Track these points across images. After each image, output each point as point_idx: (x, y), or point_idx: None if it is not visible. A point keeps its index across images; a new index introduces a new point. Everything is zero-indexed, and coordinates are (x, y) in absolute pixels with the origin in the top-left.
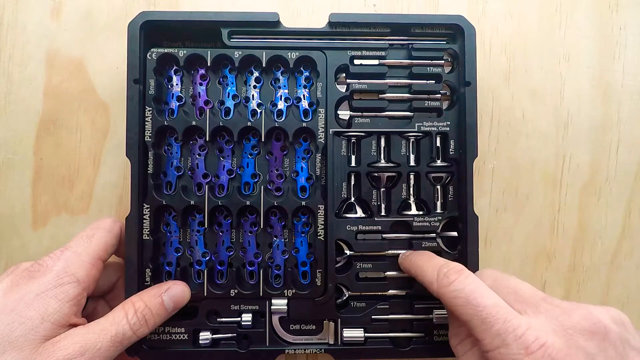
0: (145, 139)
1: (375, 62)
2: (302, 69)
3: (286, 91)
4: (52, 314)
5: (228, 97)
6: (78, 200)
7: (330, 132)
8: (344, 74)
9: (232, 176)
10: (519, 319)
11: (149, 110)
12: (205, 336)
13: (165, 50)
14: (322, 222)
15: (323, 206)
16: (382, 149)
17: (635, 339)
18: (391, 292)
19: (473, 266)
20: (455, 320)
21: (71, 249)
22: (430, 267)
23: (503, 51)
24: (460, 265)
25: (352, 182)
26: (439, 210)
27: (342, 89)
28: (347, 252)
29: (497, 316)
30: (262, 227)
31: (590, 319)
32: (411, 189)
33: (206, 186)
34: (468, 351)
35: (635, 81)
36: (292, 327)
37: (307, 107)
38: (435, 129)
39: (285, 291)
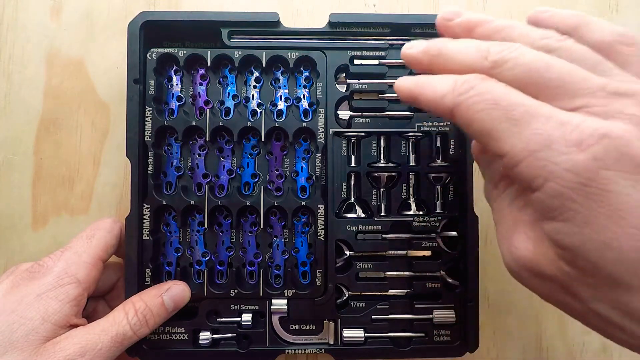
0: (145, 139)
1: (375, 62)
2: (302, 69)
3: (286, 91)
4: (53, 314)
5: (228, 97)
6: (78, 200)
7: (330, 132)
8: (344, 74)
9: (232, 176)
10: (568, 114)
11: (149, 110)
12: (205, 336)
13: (165, 50)
14: (322, 222)
15: (323, 206)
16: (382, 149)
17: None
18: (391, 292)
19: (473, 266)
20: (486, 154)
21: (71, 249)
22: (445, 79)
23: None
24: (480, 75)
25: (352, 182)
26: (439, 210)
27: (342, 89)
28: (347, 252)
29: (536, 112)
30: (262, 227)
31: None
32: (411, 189)
33: (206, 186)
34: (503, 192)
35: None
36: (292, 327)
37: (307, 107)
38: (435, 129)
39: (285, 291)
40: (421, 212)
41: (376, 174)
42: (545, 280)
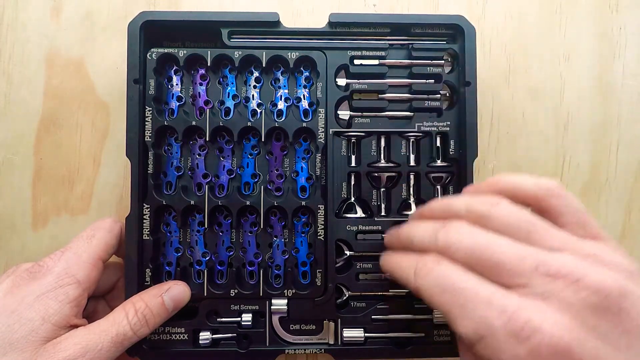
0: (145, 139)
1: (375, 62)
2: (302, 69)
3: (286, 91)
4: (53, 315)
5: (228, 97)
6: (78, 200)
7: (330, 132)
8: (344, 74)
9: (232, 176)
10: (505, 299)
11: (149, 110)
12: (205, 336)
13: (165, 50)
14: (322, 222)
15: (323, 206)
16: (382, 149)
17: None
18: (391, 292)
19: None
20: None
21: (71, 249)
22: (407, 261)
23: (503, 51)
24: (437, 256)
25: (352, 182)
26: None
27: (342, 89)
28: (347, 252)
29: (477, 299)
30: (262, 227)
31: (600, 292)
32: (411, 189)
33: (206, 186)
34: None
35: (635, 81)
36: (292, 327)
37: (307, 107)
38: (435, 129)
39: (285, 291)
40: None
41: (376, 174)
42: None
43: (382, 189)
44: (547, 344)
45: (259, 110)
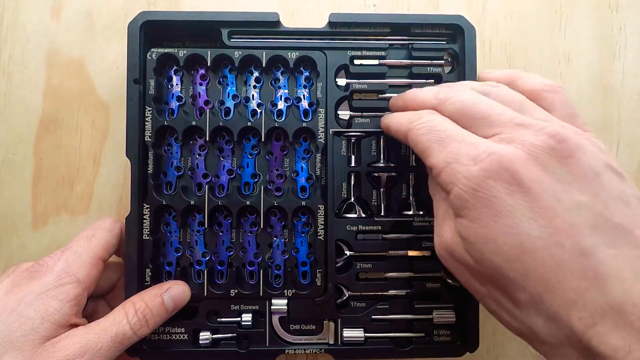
0: (145, 139)
1: (375, 62)
2: (302, 69)
3: (286, 91)
4: (53, 314)
5: (228, 97)
6: (78, 200)
7: (330, 132)
8: (344, 74)
9: (232, 176)
10: (478, 138)
11: (149, 110)
12: (205, 336)
13: (165, 50)
14: (322, 222)
15: (323, 206)
16: (382, 149)
17: (610, 158)
18: (391, 292)
19: None
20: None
21: (72, 249)
22: (403, 115)
23: (503, 51)
24: (431, 110)
25: (352, 182)
26: None
27: (342, 89)
28: (347, 252)
29: (455, 137)
30: (262, 227)
31: (556, 136)
32: (411, 189)
33: (206, 186)
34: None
35: (635, 81)
36: (292, 327)
37: (307, 107)
38: None
39: (285, 291)
40: (421, 212)
41: (376, 174)
42: (458, 264)
43: (382, 189)
44: (497, 161)
45: (259, 110)
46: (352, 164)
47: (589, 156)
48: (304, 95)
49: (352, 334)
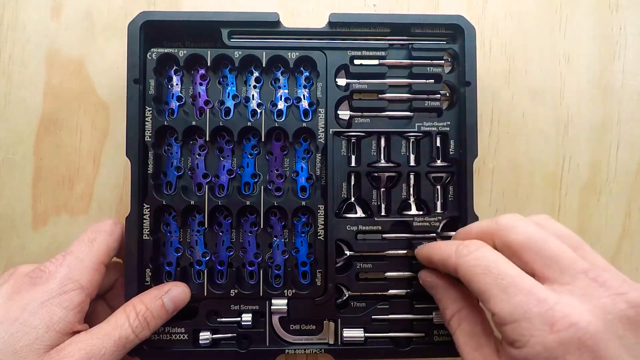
0: (145, 139)
1: (375, 62)
2: (302, 69)
3: (286, 91)
4: (58, 322)
5: (228, 97)
6: (78, 200)
7: (330, 132)
8: (344, 74)
9: (232, 176)
10: (546, 292)
11: (149, 110)
12: (205, 336)
13: (165, 50)
14: (322, 222)
15: (323, 206)
16: (382, 149)
17: None
18: (391, 292)
19: None
20: (450, 292)
21: (73, 253)
22: (448, 244)
23: (503, 51)
24: (479, 241)
25: (352, 182)
26: (439, 210)
27: (342, 89)
28: (347, 252)
29: (520, 285)
30: (262, 227)
31: (637, 308)
32: (411, 189)
33: (206, 186)
34: (459, 327)
35: (635, 81)
36: (292, 327)
37: (307, 107)
38: (435, 129)
39: (285, 291)
40: (421, 212)
41: (376, 174)
42: None
43: (382, 189)
44: (578, 338)
45: (259, 110)
46: (352, 164)
47: None
48: (304, 95)
49: (352, 334)
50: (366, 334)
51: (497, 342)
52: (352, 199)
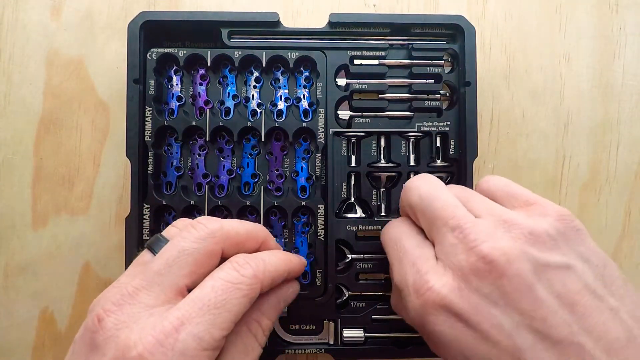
0: (145, 139)
1: (375, 62)
2: (302, 69)
3: (286, 91)
4: None
5: (228, 97)
6: (78, 200)
7: (330, 132)
8: (344, 74)
9: (232, 176)
10: (426, 261)
11: (149, 110)
12: None
13: (165, 50)
14: (322, 222)
15: (323, 206)
16: (382, 149)
17: (548, 250)
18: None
19: None
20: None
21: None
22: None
23: (503, 51)
24: (401, 217)
25: (352, 182)
26: None
27: (342, 89)
28: (349, 255)
29: (410, 257)
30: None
31: (485, 258)
32: None
33: (206, 186)
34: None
35: (635, 81)
36: (292, 327)
37: (307, 107)
38: (435, 129)
39: None
40: None
41: (376, 174)
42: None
43: (382, 189)
44: (433, 299)
45: (259, 110)
46: (352, 164)
47: (519, 269)
48: (304, 95)
49: (352, 334)
50: (366, 334)
51: None
52: (352, 199)
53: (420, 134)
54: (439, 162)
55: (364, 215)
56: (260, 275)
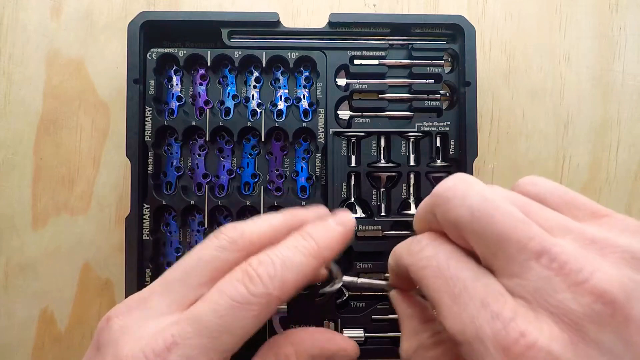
0: (145, 139)
1: (375, 62)
2: (302, 69)
3: (286, 91)
4: None
5: (228, 97)
6: (78, 200)
7: (330, 132)
8: (344, 74)
9: (232, 176)
10: (502, 299)
11: (149, 110)
12: None
13: (165, 50)
14: None
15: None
16: (382, 149)
17: None
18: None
19: None
20: (416, 314)
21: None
22: (406, 241)
23: (503, 51)
24: (433, 234)
25: (352, 182)
26: None
27: (342, 89)
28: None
29: (472, 293)
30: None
31: (603, 297)
32: (411, 189)
33: (206, 186)
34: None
35: (635, 81)
36: (292, 327)
37: (307, 107)
38: (435, 129)
39: None
40: None
41: (376, 174)
42: None
43: (382, 189)
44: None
45: (259, 110)
46: (352, 164)
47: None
48: (304, 95)
49: (352, 334)
50: (366, 334)
51: None
52: (352, 199)
53: (420, 134)
54: (439, 162)
55: (364, 215)
56: (275, 292)
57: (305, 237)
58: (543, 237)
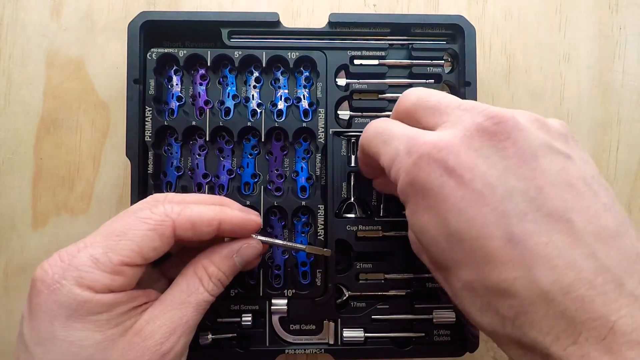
0: (145, 139)
1: (375, 62)
2: (302, 69)
3: (286, 91)
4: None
5: (228, 97)
6: (78, 200)
7: (330, 132)
8: (344, 74)
9: (232, 176)
10: (419, 131)
11: (149, 110)
12: (205, 336)
13: (165, 50)
14: (322, 222)
15: (323, 206)
16: None
17: (555, 139)
18: (391, 292)
19: None
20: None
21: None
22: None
23: (503, 51)
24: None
25: (352, 182)
26: None
27: (342, 89)
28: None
29: (399, 135)
30: (262, 227)
31: (494, 118)
32: None
33: (206, 186)
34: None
35: (635, 81)
36: (292, 327)
37: (307, 107)
38: None
39: (285, 291)
40: None
41: None
42: (420, 255)
43: None
44: (427, 154)
45: (259, 110)
46: (352, 164)
47: (527, 137)
48: (304, 95)
49: (352, 334)
50: (366, 334)
51: None
52: (352, 199)
53: None
54: None
55: (363, 216)
56: (173, 215)
57: (216, 202)
58: (474, 102)
